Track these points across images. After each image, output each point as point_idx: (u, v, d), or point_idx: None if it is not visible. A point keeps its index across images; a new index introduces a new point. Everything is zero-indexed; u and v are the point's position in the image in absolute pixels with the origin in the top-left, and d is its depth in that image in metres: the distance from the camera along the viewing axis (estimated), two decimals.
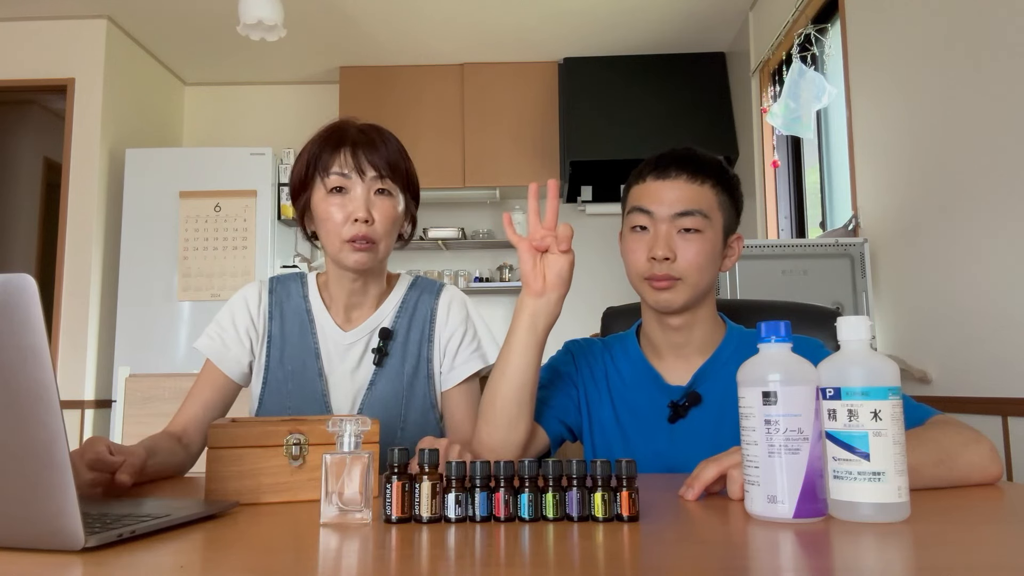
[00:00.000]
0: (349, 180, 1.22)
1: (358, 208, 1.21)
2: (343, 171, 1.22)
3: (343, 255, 1.23)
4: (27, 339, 0.62)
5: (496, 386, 1.09)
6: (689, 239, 1.11)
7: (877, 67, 2.55)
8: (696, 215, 1.11)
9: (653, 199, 1.13)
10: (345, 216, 1.22)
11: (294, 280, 1.36)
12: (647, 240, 1.12)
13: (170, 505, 0.83)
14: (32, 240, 5.08)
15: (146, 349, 3.71)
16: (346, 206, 1.22)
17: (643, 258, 1.12)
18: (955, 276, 2.11)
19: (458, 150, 4.34)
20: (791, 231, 3.51)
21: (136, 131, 4.18)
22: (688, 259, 1.10)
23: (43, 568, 0.60)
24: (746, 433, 0.77)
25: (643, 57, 4.30)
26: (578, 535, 0.70)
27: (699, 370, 1.16)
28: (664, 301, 1.12)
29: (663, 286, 1.11)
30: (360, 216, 1.21)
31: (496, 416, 1.08)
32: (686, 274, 1.11)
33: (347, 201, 1.22)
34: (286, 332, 1.31)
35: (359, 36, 4.13)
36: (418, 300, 1.35)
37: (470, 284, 4.48)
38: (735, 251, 1.19)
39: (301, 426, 0.92)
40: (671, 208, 1.11)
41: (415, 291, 1.36)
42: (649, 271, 1.11)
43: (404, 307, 1.34)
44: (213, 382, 1.29)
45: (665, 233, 1.11)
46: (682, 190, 1.12)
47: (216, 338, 1.30)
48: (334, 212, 1.22)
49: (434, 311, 1.34)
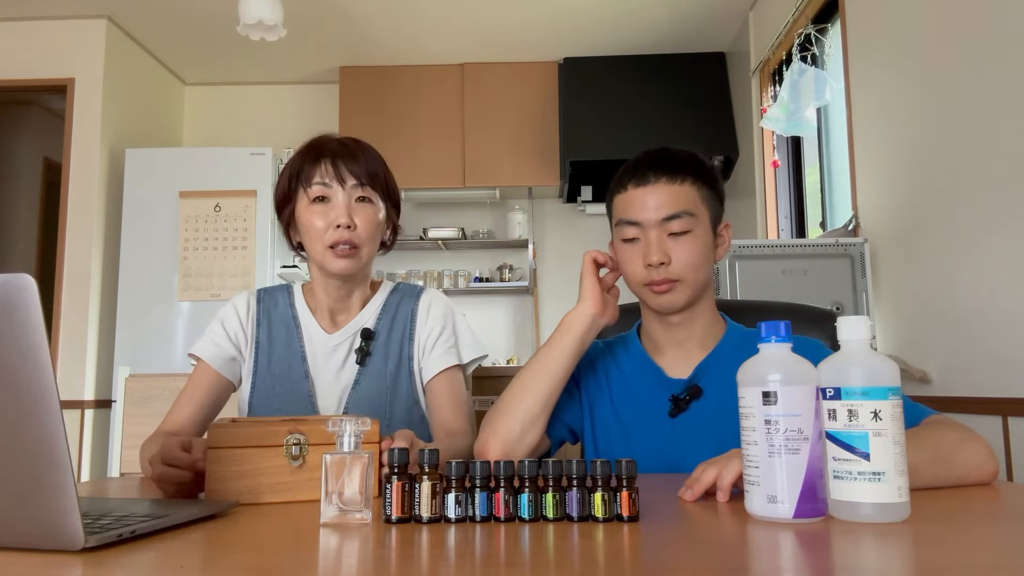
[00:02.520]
0: (330, 189, 1.27)
1: (340, 214, 1.26)
2: (324, 180, 1.27)
3: (327, 261, 1.28)
4: (27, 339, 0.62)
5: (528, 383, 1.14)
6: (680, 240, 1.13)
7: (877, 67, 2.55)
8: (683, 216, 1.13)
9: (638, 208, 1.14)
10: (328, 223, 1.27)
11: (281, 290, 1.43)
12: (640, 248, 1.14)
13: (170, 505, 0.83)
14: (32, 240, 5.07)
15: (146, 349, 3.71)
16: (328, 214, 1.27)
17: (640, 267, 1.14)
18: (955, 276, 2.11)
19: (458, 150, 4.34)
20: (791, 231, 3.51)
21: (136, 131, 4.18)
22: (683, 260, 1.12)
23: (43, 568, 0.60)
24: (746, 433, 0.77)
25: (643, 57, 4.30)
26: (578, 535, 0.70)
27: (700, 364, 1.17)
28: (666, 303, 1.14)
29: (663, 289, 1.13)
30: (342, 222, 1.25)
31: (520, 413, 1.12)
32: (683, 275, 1.13)
33: (329, 209, 1.27)
34: (273, 337, 1.36)
35: (359, 36, 4.12)
36: (400, 302, 1.40)
37: (470, 284, 4.48)
38: (725, 239, 1.21)
39: (301, 426, 0.92)
40: (657, 213, 1.13)
41: (397, 295, 1.42)
42: (647, 277, 1.13)
43: (386, 309, 1.39)
44: (206, 384, 1.33)
45: (656, 239, 1.13)
46: (664, 193, 1.13)
47: (209, 342, 1.35)
48: (316, 220, 1.27)
49: (415, 311, 1.39)
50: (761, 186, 3.65)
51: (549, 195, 4.60)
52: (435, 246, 4.55)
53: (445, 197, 4.50)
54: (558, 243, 4.62)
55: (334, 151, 1.29)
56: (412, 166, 4.27)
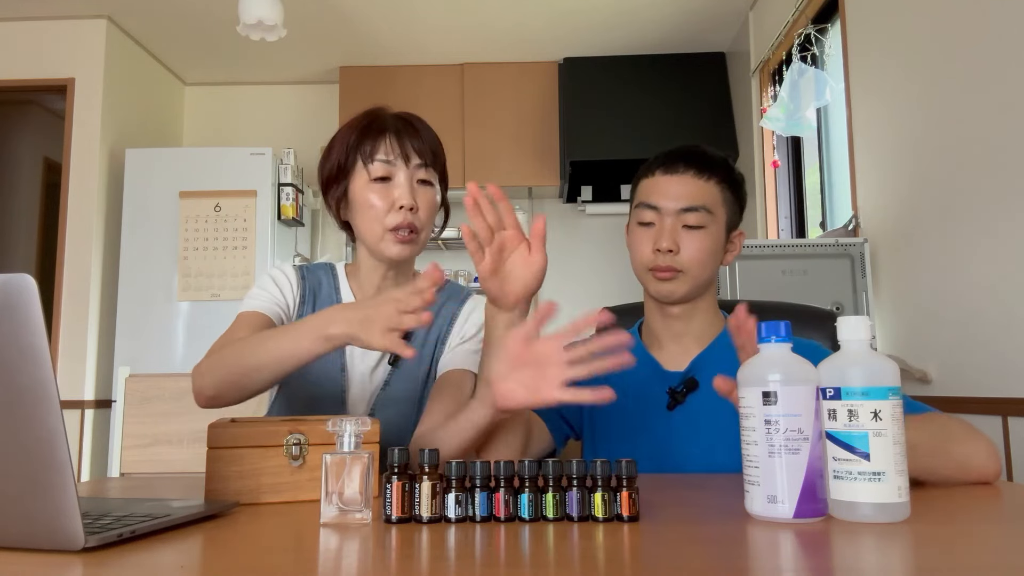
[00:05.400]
0: (393, 167, 1.20)
1: (403, 195, 1.18)
2: (388, 158, 1.19)
3: (384, 245, 1.20)
4: (27, 339, 0.62)
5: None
6: (693, 234, 1.15)
7: (877, 67, 2.55)
8: (700, 211, 1.15)
9: (660, 194, 1.17)
10: (388, 204, 1.19)
11: (324, 270, 1.33)
12: (652, 233, 1.16)
13: (170, 505, 0.83)
14: (32, 240, 5.07)
15: (146, 349, 3.71)
16: (390, 193, 1.19)
17: (648, 250, 1.16)
18: (955, 276, 2.11)
19: (458, 150, 4.34)
20: (791, 231, 3.51)
21: (136, 131, 4.18)
22: (691, 253, 1.15)
23: (43, 568, 0.60)
24: (746, 433, 0.77)
25: (643, 57, 4.30)
26: (578, 535, 0.70)
27: (697, 357, 1.19)
28: (666, 291, 1.16)
29: (665, 276, 1.15)
30: (406, 203, 1.18)
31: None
32: (688, 267, 1.15)
33: (391, 188, 1.19)
34: None
35: (359, 36, 4.12)
36: (443, 305, 1.32)
37: (470, 284, 4.48)
38: (736, 246, 1.23)
39: (301, 426, 0.92)
40: (677, 203, 1.15)
41: (442, 295, 1.32)
42: (653, 262, 1.16)
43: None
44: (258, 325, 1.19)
45: (670, 226, 1.15)
46: (688, 185, 1.16)
47: (260, 295, 1.24)
48: (376, 199, 1.19)
49: (455, 315, 1.31)
50: (761, 186, 3.65)
51: (549, 195, 4.60)
52: (435, 246, 4.55)
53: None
54: (558, 243, 4.62)
55: (397, 127, 1.21)
56: None
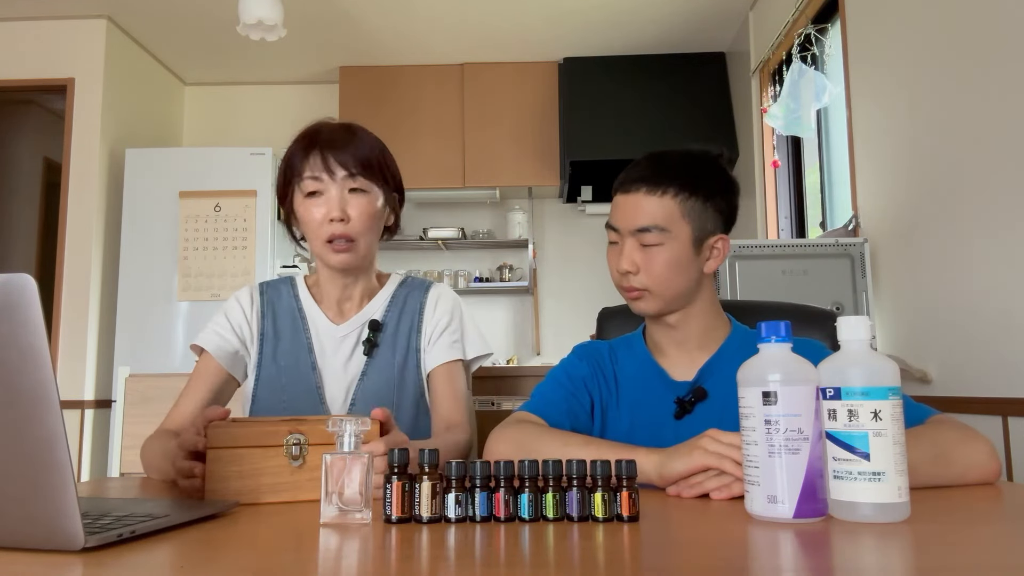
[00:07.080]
0: (321, 182, 1.26)
1: (332, 208, 1.25)
2: (315, 174, 1.26)
3: (325, 255, 1.29)
4: (27, 339, 0.62)
5: (552, 451, 1.00)
6: (651, 252, 1.13)
7: (877, 67, 2.55)
8: (652, 231, 1.12)
9: (618, 215, 1.17)
10: (322, 217, 1.26)
11: (283, 283, 1.42)
12: (616, 252, 1.17)
13: (170, 505, 0.83)
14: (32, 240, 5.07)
15: (146, 349, 3.71)
16: (322, 207, 1.26)
17: (615, 269, 1.17)
18: (955, 276, 2.11)
19: (458, 150, 4.34)
20: (791, 231, 3.51)
21: (136, 131, 4.18)
22: (651, 272, 1.13)
23: (43, 568, 0.60)
24: (746, 433, 0.77)
25: (643, 57, 4.30)
26: (578, 535, 0.70)
27: (704, 365, 1.17)
28: (638, 309, 1.17)
29: (633, 296, 1.16)
30: (335, 215, 1.25)
31: (524, 454, 0.99)
32: (650, 286, 1.14)
33: (323, 202, 1.26)
34: (279, 329, 1.35)
35: (359, 36, 4.12)
36: (408, 295, 1.40)
37: (470, 284, 4.48)
38: (720, 252, 1.17)
39: (301, 426, 0.92)
40: (631, 224, 1.14)
41: (405, 288, 1.42)
42: (619, 282, 1.17)
43: (394, 301, 1.39)
44: (210, 378, 1.31)
45: (628, 247, 1.15)
46: (640, 205, 1.13)
47: (212, 333, 1.34)
48: (312, 214, 1.27)
49: (423, 304, 1.39)
50: (761, 186, 3.65)
51: (549, 195, 4.60)
52: (435, 246, 4.55)
53: (445, 197, 4.50)
54: (558, 243, 4.62)
55: (323, 142, 1.28)
56: (412, 166, 4.27)
